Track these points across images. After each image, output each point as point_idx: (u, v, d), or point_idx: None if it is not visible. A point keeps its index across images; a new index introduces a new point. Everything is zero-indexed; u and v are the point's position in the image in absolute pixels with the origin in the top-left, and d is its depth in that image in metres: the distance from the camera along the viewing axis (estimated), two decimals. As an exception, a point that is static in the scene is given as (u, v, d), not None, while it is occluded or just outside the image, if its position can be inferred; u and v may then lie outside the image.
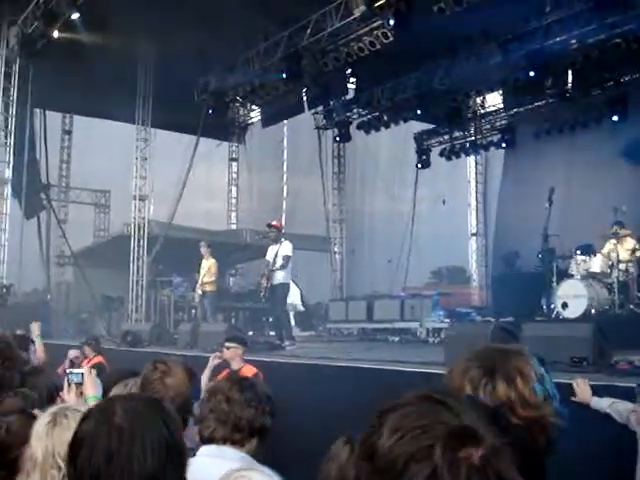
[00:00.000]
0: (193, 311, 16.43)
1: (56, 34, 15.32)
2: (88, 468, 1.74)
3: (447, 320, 14.49)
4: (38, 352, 6.68)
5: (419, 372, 7.07)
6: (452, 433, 0.94)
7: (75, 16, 14.43)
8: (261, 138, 23.07)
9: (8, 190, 16.86)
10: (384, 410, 1.03)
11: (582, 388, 4.49)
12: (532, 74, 14.96)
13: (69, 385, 3.13)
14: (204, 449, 2.89)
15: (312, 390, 7.47)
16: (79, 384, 3.12)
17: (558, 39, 14.15)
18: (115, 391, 3.11)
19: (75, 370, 3.21)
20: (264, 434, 3.01)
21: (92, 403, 2.97)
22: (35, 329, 7.16)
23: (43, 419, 2.35)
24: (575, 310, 10.79)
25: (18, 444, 2.44)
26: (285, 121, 22.08)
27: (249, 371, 6.71)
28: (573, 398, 4.38)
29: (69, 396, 3.09)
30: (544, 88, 16.84)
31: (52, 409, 2.42)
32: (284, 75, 15.54)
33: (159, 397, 2.89)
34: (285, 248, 11.80)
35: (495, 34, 15.04)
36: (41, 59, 16.00)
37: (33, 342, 6.69)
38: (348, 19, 14.39)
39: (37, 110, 18.04)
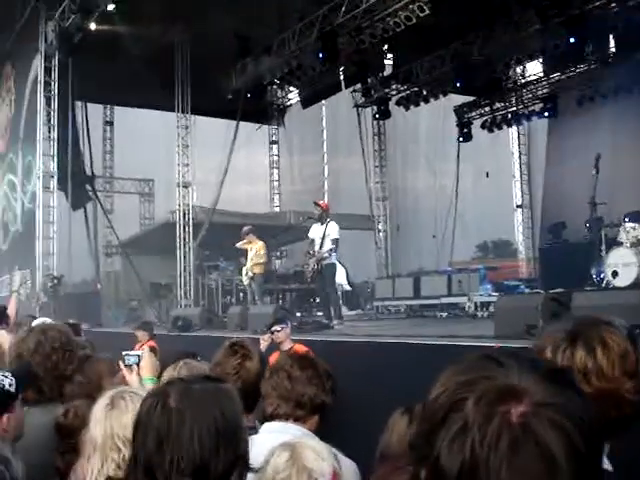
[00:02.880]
0: (241, 294, 16.57)
1: (93, 26, 15.50)
2: (142, 453, 1.72)
3: (495, 294, 14.33)
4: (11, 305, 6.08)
5: (471, 346, 7.03)
6: (491, 387, 0.92)
7: (111, 7, 14.56)
8: (300, 119, 23.04)
9: (54, 183, 17.16)
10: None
11: None
12: (572, 40, 14.61)
13: (127, 367, 3.15)
14: (267, 426, 2.93)
15: (363, 367, 7.47)
16: (135, 365, 3.14)
17: (598, 3, 13.83)
18: (165, 374, 3.13)
19: (132, 352, 3.24)
20: (325, 411, 3.04)
21: (149, 385, 3.00)
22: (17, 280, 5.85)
23: (102, 402, 2.36)
24: (626, 278, 10.56)
25: (83, 427, 2.48)
26: (323, 101, 21.97)
27: (300, 350, 6.73)
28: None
29: (130, 378, 3.12)
30: (585, 54, 16.49)
31: (110, 392, 2.42)
32: (320, 55, 15.41)
33: (238, 380, 2.95)
34: (333, 230, 11.72)
35: (533, 1, 14.71)
36: (79, 52, 16.18)
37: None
38: (383, -6, 14.25)
39: (78, 103, 18.27)
